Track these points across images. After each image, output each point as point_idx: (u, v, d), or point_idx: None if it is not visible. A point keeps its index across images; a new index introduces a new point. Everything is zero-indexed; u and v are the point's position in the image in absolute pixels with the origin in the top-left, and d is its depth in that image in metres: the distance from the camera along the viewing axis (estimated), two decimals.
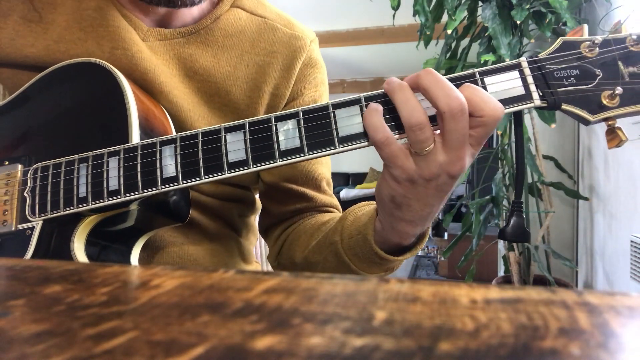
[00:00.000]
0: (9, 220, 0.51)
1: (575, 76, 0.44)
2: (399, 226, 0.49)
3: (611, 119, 0.44)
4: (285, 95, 0.66)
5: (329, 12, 4.07)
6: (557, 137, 2.39)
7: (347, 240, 0.54)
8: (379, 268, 0.54)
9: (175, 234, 0.62)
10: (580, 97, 0.44)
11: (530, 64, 0.45)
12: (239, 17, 0.65)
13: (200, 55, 0.61)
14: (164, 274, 0.24)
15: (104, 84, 0.53)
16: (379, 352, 0.14)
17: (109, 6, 0.59)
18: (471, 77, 0.45)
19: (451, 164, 0.42)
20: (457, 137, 0.41)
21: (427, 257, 4.25)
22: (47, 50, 0.58)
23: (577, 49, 0.45)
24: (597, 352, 0.14)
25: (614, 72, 0.44)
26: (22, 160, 0.53)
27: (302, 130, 0.45)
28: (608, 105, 0.43)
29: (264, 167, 0.45)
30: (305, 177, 0.67)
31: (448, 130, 0.41)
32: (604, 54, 0.44)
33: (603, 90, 0.44)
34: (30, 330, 0.17)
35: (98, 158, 0.49)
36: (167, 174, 0.47)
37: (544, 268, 1.99)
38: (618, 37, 0.45)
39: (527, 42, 1.94)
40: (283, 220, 0.69)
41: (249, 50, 0.64)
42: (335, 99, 0.47)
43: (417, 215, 0.47)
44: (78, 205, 0.48)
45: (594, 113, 0.44)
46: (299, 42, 0.67)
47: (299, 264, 0.62)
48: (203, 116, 0.62)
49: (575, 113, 0.44)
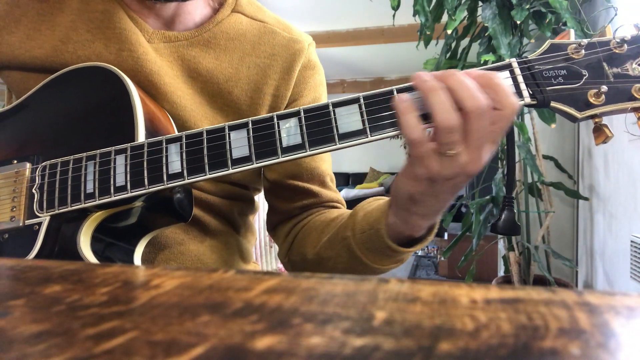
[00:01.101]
0: (17, 216, 0.52)
1: (563, 76, 0.47)
2: (412, 220, 0.51)
3: (597, 116, 0.47)
4: (286, 96, 0.68)
5: (329, 12, 4.07)
6: (557, 137, 2.39)
7: (359, 235, 0.56)
8: (390, 260, 0.56)
9: (177, 231, 0.64)
10: (568, 96, 0.47)
11: (520, 64, 0.48)
12: (240, 22, 0.67)
13: (203, 57, 0.63)
14: (164, 274, 0.24)
15: (111, 87, 0.54)
16: (379, 352, 0.14)
17: (116, 8, 0.61)
18: None
19: (472, 164, 0.44)
20: (480, 136, 0.42)
21: (427, 257, 4.25)
22: (54, 51, 0.59)
23: (564, 51, 0.48)
24: (597, 352, 0.14)
25: (599, 73, 0.47)
26: (30, 159, 0.54)
27: (304, 128, 0.47)
28: (594, 103, 0.46)
29: (266, 162, 0.47)
30: (310, 173, 0.68)
31: (473, 130, 0.42)
32: (589, 56, 0.47)
33: (589, 89, 0.46)
34: (30, 330, 0.17)
35: (105, 155, 0.50)
36: (172, 170, 0.48)
37: (544, 268, 1.99)
38: (602, 40, 0.48)
39: (527, 42, 1.94)
40: (291, 217, 0.70)
41: (250, 53, 0.66)
42: (334, 99, 0.48)
43: (431, 210, 0.49)
44: (85, 200, 0.49)
45: (581, 110, 0.46)
46: (298, 46, 0.69)
47: (311, 260, 0.63)
48: (206, 116, 0.63)
49: (563, 110, 0.47)
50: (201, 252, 0.65)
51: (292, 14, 3.94)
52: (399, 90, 0.46)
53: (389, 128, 0.46)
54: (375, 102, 0.46)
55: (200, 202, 0.65)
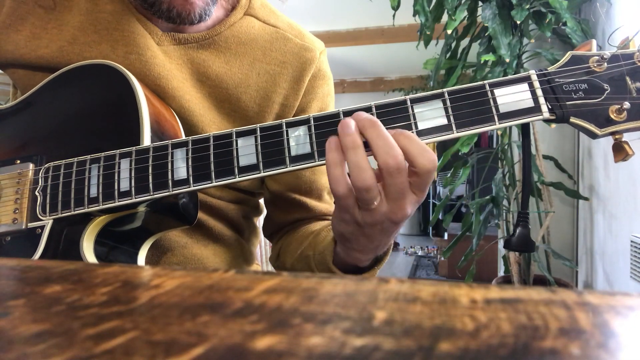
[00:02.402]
0: (19, 219, 0.51)
1: (583, 90, 0.45)
2: (351, 253, 0.52)
3: (618, 133, 0.45)
4: (294, 106, 0.67)
5: (329, 12, 4.06)
6: (557, 137, 2.39)
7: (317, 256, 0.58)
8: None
9: (181, 235, 0.63)
10: (589, 111, 0.45)
11: (539, 77, 0.46)
12: (252, 26, 0.66)
13: (213, 61, 0.62)
14: (164, 274, 0.24)
15: (117, 86, 0.54)
16: (379, 352, 0.14)
17: (125, 10, 0.60)
18: (481, 89, 0.46)
19: (393, 213, 0.44)
20: (396, 190, 0.42)
21: (427, 257, 4.25)
22: (60, 51, 0.59)
23: (586, 64, 0.46)
24: (597, 352, 0.14)
25: (622, 87, 0.45)
26: (33, 159, 0.53)
27: (313, 137, 0.46)
28: (615, 119, 0.44)
29: (274, 172, 0.46)
30: (308, 187, 0.68)
31: (388, 184, 0.42)
32: (612, 69, 0.45)
33: (611, 105, 0.44)
34: (30, 330, 0.17)
35: (110, 159, 0.49)
36: (178, 177, 0.47)
37: (544, 268, 1.99)
38: (626, 52, 0.46)
39: (527, 42, 1.94)
40: (283, 227, 0.71)
41: (260, 59, 0.65)
42: (345, 107, 0.47)
43: (366, 247, 0.50)
44: (89, 205, 0.49)
45: (602, 127, 0.44)
46: (309, 54, 0.68)
47: (289, 269, 0.65)
48: (213, 121, 0.63)
49: (583, 127, 0.45)
50: (205, 256, 0.65)
51: (292, 14, 3.92)
52: (413, 99, 0.46)
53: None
54: (386, 113, 0.46)
55: (205, 205, 0.64)
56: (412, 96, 0.46)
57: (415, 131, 0.45)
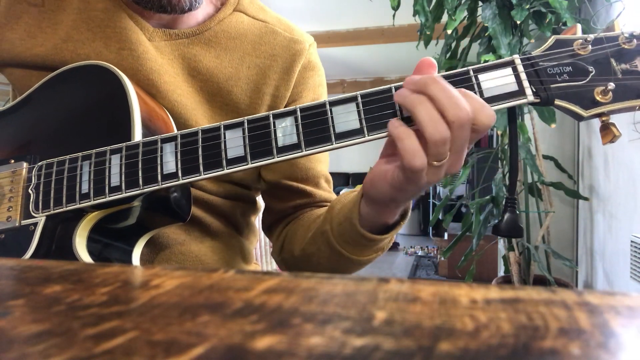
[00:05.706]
0: (13, 216, 0.52)
1: (568, 73, 0.45)
2: (387, 210, 0.52)
3: (604, 114, 0.45)
4: (285, 97, 0.68)
5: (329, 12, 4.06)
6: (557, 137, 2.39)
7: (336, 228, 0.56)
8: (369, 250, 0.56)
9: (178, 232, 0.63)
10: (574, 93, 0.45)
11: (523, 60, 0.46)
12: (241, 21, 0.67)
13: (203, 55, 0.63)
14: (164, 274, 0.24)
15: (109, 86, 0.54)
16: (379, 352, 0.14)
17: (116, 7, 0.61)
18: (465, 75, 0.46)
19: (452, 166, 0.44)
20: (461, 143, 0.42)
21: (427, 257, 4.25)
22: (55, 49, 0.60)
23: (570, 47, 0.46)
24: (597, 352, 0.14)
25: (607, 69, 0.45)
26: (27, 158, 0.54)
27: (300, 127, 0.46)
28: (601, 101, 0.44)
29: (262, 162, 0.46)
30: (304, 174, 0.68)
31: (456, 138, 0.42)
32: (596, 52, 0.45)
33: (596, 87, 0.44)
34: (30, 330, 0.17)
35: (100, 155, 0.50)
36: (167, 170, 0.48)
37: (544, 268, 1.99)
38: (610, 35, 0.46)
39: (527, 42, 1.94)
40: (285, 217, 0.71)
41: (250, 53, 0.66)
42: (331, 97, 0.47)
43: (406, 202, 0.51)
44: (80, 201, 0.49)
45: (587, 108, 0.44)
46: (298, 46, 0.68)
47: (298, 256, 0.64)
48: (205, 114, 0.63)
49: (568, 109, 0.45)
50: (202, 253, 0.65)
51: (292, 13, 3.93)
52: (396, 87, 0.46)
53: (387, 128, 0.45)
54: (373, 101, 0.46)
55: (202, 202, 0.65)
56: (396, 84, 0.46)
57: (400, 117, 0.45)
